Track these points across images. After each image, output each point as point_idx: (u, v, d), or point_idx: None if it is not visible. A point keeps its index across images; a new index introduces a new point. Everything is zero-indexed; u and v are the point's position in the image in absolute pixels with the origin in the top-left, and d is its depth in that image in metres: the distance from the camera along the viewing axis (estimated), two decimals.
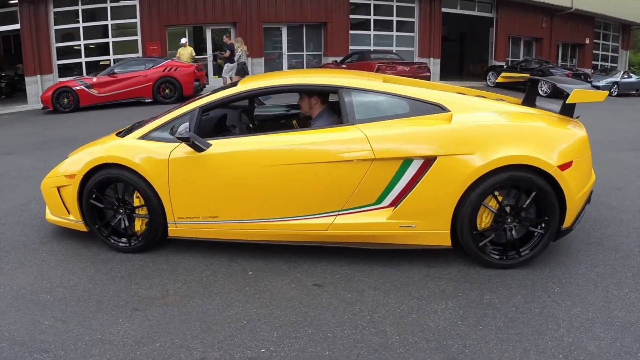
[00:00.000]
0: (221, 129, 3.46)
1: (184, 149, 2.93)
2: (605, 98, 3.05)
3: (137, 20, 15.83)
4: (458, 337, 2.21)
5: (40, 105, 12.41)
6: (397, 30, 17.34)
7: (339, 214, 2.86)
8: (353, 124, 2.89)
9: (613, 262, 2.99)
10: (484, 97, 3.59)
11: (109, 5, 15.42)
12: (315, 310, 2.42)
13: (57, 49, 15.43)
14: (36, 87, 14.44)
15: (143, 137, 3.11)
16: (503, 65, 16.66)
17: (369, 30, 17.11)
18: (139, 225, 3.21)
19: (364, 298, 2.55)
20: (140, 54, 15.79)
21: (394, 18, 17.30)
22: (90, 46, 16.06)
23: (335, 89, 3.03)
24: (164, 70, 12.96)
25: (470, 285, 2.72)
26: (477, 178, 2.73)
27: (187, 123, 2.86)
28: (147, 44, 15.87)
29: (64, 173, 3.33)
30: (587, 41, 22.44)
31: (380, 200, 2.85)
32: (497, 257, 2.91)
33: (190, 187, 2.99)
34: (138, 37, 16.13)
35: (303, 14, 16.30)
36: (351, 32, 16.68)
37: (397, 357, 2.06)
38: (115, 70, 12.93)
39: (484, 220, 2.86)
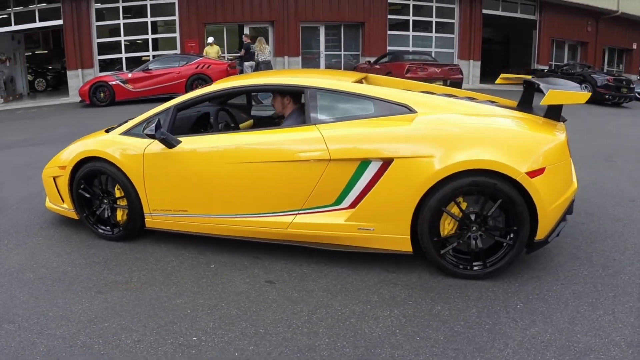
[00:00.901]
0: (204, 127, 3.71)
1: (157, 145, 3.20)
2: (586, 100, 2.94)
3: (176, 17, 16.62)
4: (389, 347, 2.22)
5: (80, 99, 13.33)
6: (436, 32, 17.24)
7: (298, 213, 2.98)
8: (315, 124, 2.98)
9: (596, 280, 2.87)
10: (474, 98, 3.64)
11: (148, 2, 16.29)
12: (257, 306, 2.58)
13: (98, 44, 16.44)
14: (77, 80, 15.47)
15: (124, 133, 3.42)
16: (543, 70, 16.18)
17: (408, 31, 17.11)
18: (120, 216, 3.52)
19: (310, 298, 2.66)
20: (178, 51, 16.56)
21: (434, 19, 17.22)
22: (130, 42, 16.99)
23: (302, 89, 3.13)
24: (196, 68, 13.60)
25: (425, 294, 2.71)
26: (435, 182, 2.71)
27: (156, 121, 3.12)
28: (185, 41, 16.62)
29: (57, 164, 3.71)
30: (635, 46, 21.45)
31: (339, 201, 2.91)
32: (461, 266, 2.87)
33: (162, 181, 3.25)
34: (177, 34, 16.91)
35: (341, 14, 16.54)
36: (390, 32, 16.76)
37: (318, 359, 2.15)
38: (150, 67, 13.68)
39: (447, 227, 2.83)
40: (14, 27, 15.55)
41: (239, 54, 15.30)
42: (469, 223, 2.81)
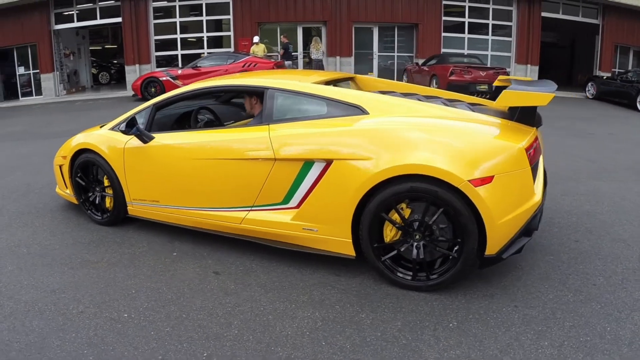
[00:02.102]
0: (185, 124, 4.09)
1: (136, 140, 3.64)
2: (548, 101, 2.77)
3: (230, 16, 17.50)
4: (291, 347, 2.32)
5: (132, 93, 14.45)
6: (493, 34, 16.87)
7: (251, 210, 3.21)
8: (268, 124, 3.15)
9: (559, 306, 2.69)
10: (460, 100, 3.67)
11: (204, 2, 17.28)
12: (193, 294, 2.88)
13: (155, 41, 17.66)
14: (134, 75, 16.72)
15: (112, 128, 3.90)
16: (604, 76, 15.34)
17: (464, 33, 16.90)
18: (108, 202, 4.02)
19: (243, 292, 2.88)
20: (232, 49, 17.44)
21: (490, 21, 16.87)
22: (186, 40, 18.09)
23: (262, 90, 3.31)
24: (243, 66, 14.31)
25: (357, 300, 2.75)
26: (372, 186, 2.72)
27: (130, 118, 3.54)
28: (239, 40, 17.48)
29: (62, 154, 4.28)
30: None
31: (286, 200, 3.06)
32: (401, 275, 2.86)
33: (139, 173, 3.68)
34: (231, 33, 17.80)
35: (394, 15, 16.67)
36: (444, 34, 16.65)
37: (211, 347, 2.34)
38: (199, 64, 14.59)
39: (390, 233, 2.83)
40: (76, 24, 17.12)
41: (276, 54, 15.90)
42: (412, 231, 2.79)
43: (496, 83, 3.86)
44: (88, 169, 4.07)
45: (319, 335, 2.43)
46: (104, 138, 3.87)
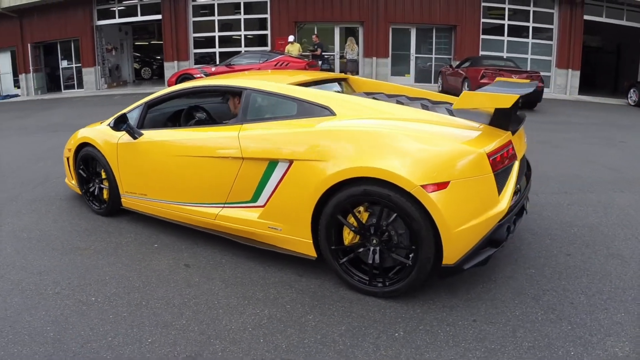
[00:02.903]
0: (183, 121, 4.32)
1: (127, 136, 3.93)
2: (511, 103, 2.66)
3: (268, 15, 17.89)
4: (229, 342, 2.44)
5: None
6: (533, 38, 16.46)
7: (224, 207, 3.37)
8: (242, 124, 3.29)
9: (522, 325, 2.59)
10: (448, 102, 3.67)
11: (243, 0, 17.75)
12: (158, 283, 3.10)
13: (194, 38, 18.29)
14: (173, 72, 17.41)
15: (109, 124, 4.21)
16: None
17: (503, 35, 16.58)
18: (105, 194, 4.33)
19: (204, 285, 3.03)
20: (269, 48, 17.85)
21: (530, 24, 16.46)
22: (224, 38, 18.64)
23: (241, 90, 3.46)
24: (275, 65, 14.65)
25: (310, 302, 2.82)
26: (328, 188, 2.77)
27: (119, 116, 3.82)
28: (276, 39, 17.88)
29: (68, 147, 4.64)
30: None
31: (255, 198, 3.18)
32: (358, 279, 2.89)
33: (129, 167, 3.96)
34: (268, 32, 18.21)
35: (432, 16, 16.58)
36: (483, 36, 16.41)
37: (157, 335, 2.51)
38: (232, 62, 15.05)
39: (348, 236, 2.88)
40: (118, 20, 17.99)
41: (311, 53, 16.15)
42: (369, 235, 2.81)
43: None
44: (88, 162, 4.40)
45: (260, 332, 2.53)
46: (101, 133, 4.18)
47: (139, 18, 17.99)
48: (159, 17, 17.53)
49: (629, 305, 2.83)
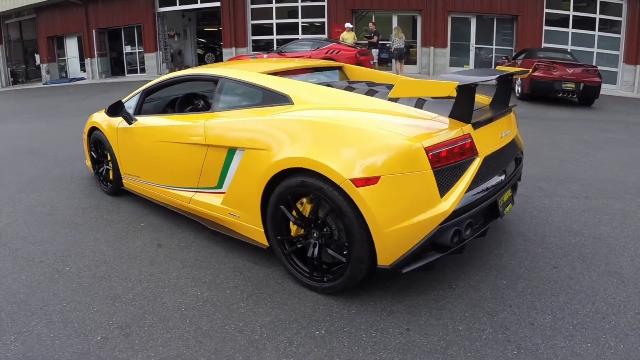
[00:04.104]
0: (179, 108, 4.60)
1: (125, 122, 4.29)
2: (449, 92, 2.50)
3: (325, 3, 18.04)
4: (158, 319, 2.65)
5: None
6: (599, 30, 15.39)
7: (197, 191, 3.56)
8: (213, 112, 3.47)
9: (460, 342, 2.43)
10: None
11: None
12: (127, 259, 3.41)
13: (252, 25, 18.82)
14: (231, 58, 17.96)
15: (105, 111, 4.58)
16: None
17: (567, 27, 15.68)
18: (111, 175, 4.76)
19: (165, 265, 3.30)
20: (325, 36, 18.05)
21: (597, 15, 15.38)
22: (282, 25, 19.03)
23: (217, 78, 3.62)
24: (326, 53, 14.83)
25: (251, 290, 2.94)
26: (271, 177, 2.82)
27: (116, 102, 4.17)
28: (332, 26, 18.04)
29: (84, 131, 5.12)
30: None
31: (220, 184, 3.31)
32: (300, 272, 2.93)
33: (126, 150, 4.34)
34: (325, 19, 18.38)
35: (493, 5, 16.02)
36: (546, 28, 15.62)
37: (102, 305, 2.80)
38: (284, 50, 15.39)
39: (293, 227, 2.92)
40: (179, 7, 18.84)
41: (367, 41, 16.20)
42: (311, 228, 2.81)
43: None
44: (97, 145, 4.84)
45: (190, 313, 2.72)
46: (107, 118, 4.58)
47: (199, 5, 18.75)
48: (217, 4, 18.18)
49: (602, 334, 2.50)
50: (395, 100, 3.04)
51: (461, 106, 2.69)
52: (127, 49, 19.46)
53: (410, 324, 2.60)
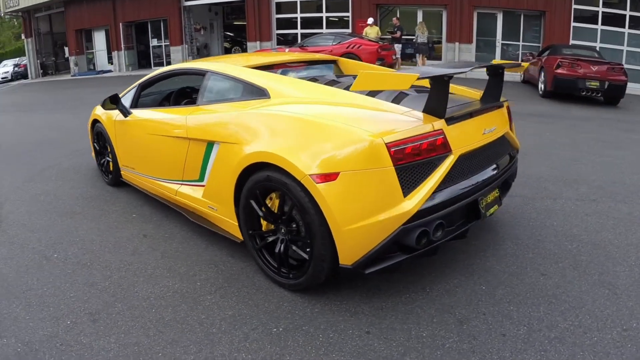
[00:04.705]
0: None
1: (121, 114, 4.43)
2: (409, 84, 2.40)
3: None
4: (127, 307, 2.75)
5: None
6: (630, 28, 14.85)
7: (182, 184, 3.62)
8: (197, 106, 3.53)
9: (419, 350, 2.36)
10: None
11: None
12: (112, 248, 3.55)
13: (277, 19, 18.94)
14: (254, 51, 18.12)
15: (101, 103, 4.72)
16: None
17: (596, 24, 15.19)
18: (111, 166, 4.93)
19: (147, 254, 3.42)
20: (349, 30, 18.04)
21: (627, 12, 14.83)
22: (306, 19, 19.09)
23: (204, 72, 3.66)
24: (347, 47, 14.86)
25: (221, 283, 2.99)
26: (241, 171, 2.84)
27: (111, 95, 4.30)
28: (356, 21, 18.00)
29: (88, 123, 5.31)
30: None
31: (201, 178, 3.34)
32: (269, 268, 2.95)
33: (122, 142, 4.49)
34: (349, 14, 18.36)
35: (519, 0, 15.68)
36: (574, 24, 15.18)
37: (80, 291, 2.93)
38: (306, 44, 15.48)
39: (263, 222, 2.93)
40: (204, 1, 19.08)
41: (391, 36, 16.16)
42: (279, 224, 2.81)
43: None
44: (99, 137, 5.02)
45: (158, 303, 2.80)
46: (106, 112, 4.74)
47: None
48: None
49: (579, 351, 2.33)
50: (374, 94, 3.01)
51: (434, 100, 2.59)
52: (154, 42, 19.88)
53: (372, 326, 2.54)
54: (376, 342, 2.41)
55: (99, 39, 21.60)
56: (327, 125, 2.57)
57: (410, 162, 2.42)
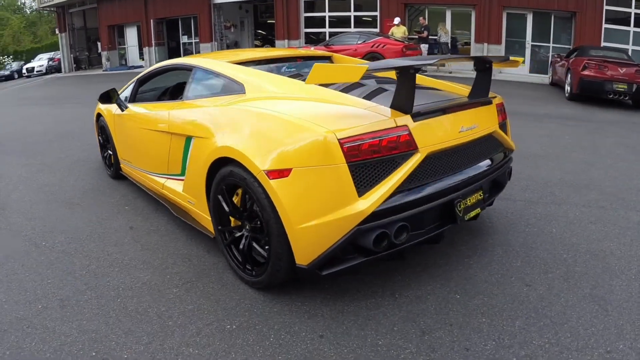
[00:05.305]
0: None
1: (119, 109, 4.57)
2: (359, 76, 2.30)
3: None
4: (96, 296, 2.87)
5: None
6: None
7: (168, 178, 3.66)
8: (182, 100, 3.59)
9: (371, 358, 2.32)
10: (438, 88, 3.43)
11: None
12: (97, 239, 3.68)
13: (305, 18, 19.02)
14: None
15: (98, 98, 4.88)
16: None
17: (629, 26, 14.63)
18: (112, 159, 5.10)
19: (126, 246, 3.52)
20: (377, 30, 17.96)
21: None
22: (333, 19, 19.10)
23: (191, 67, 3.72)
24: (372, 47, 14.83)
25: (190, 277, 3.04)
26: (209, 166, 2.86)
27: (109, 90, 4.43)
28: (384, 20, 17.92)
29: (94, 117, 5.51)
30: None
31: (182, 172, 3.37)
32: (235, 263, 2.96)
33: (120, 136, 4.65)
34: (377, 13, 18.27)
35: (550, 1, 15.27)
36: (606, 26, 14.67)
37: (58, 278, 3.08)
38: (331, 43, 15.50)
39: (231, 218, 2.93)
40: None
41: (417, 36, 16.07)
42: (243, 220, 2.79)
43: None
44: (102, 130, 5.21)
45: (125, 293, 2.89)
46: (108, 105, 4.90)
47: None
48: None
49: None
50: (351, 89, 2.97)
51: (401, 94, 2.48)
52: (184, 38, 20.29)
53: (328, 330, 2.47)
54: (327, 347, 2.35)
55: (131, 35, 22.19)
56: (284, 120, 2.53)
57: (367, 159, 2.31)
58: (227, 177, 2.76)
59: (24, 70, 29.01)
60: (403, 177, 2.39)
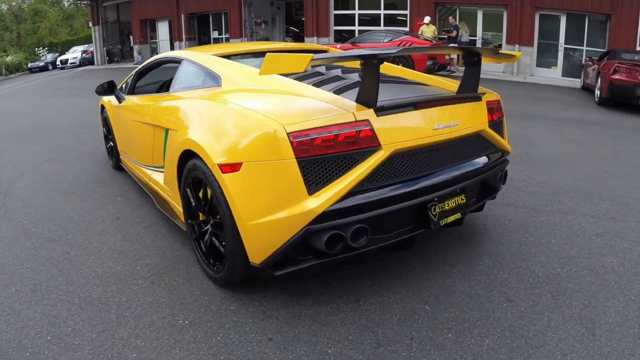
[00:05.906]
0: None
1: (117, 100, 4.69)
2: (305, 66, 2.22)
3: None
4: (66, 283, 2.95)
5: None
6: None
7: (154, 170, 3.68)
8: (168, 93, 3.65)
9: (328, 356, 2.22)
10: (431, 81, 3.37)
11: None
12: (83, 228, 3.84)
13: (335, 16, 19.02)
14: None
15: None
16: None
17: None
18: (114, 151, 5.27)
19: (110, 236, 3.62)
20: (407, 28, 17.80)
21: None
22: (363, 17, 19.02)
23: (179, 61, 3.80)
24: (398, 45, 14.66)
25: (159, 270, 3.08)
26: (178, 158, 2.86)
27: (107, 82, 4.55)
28: (414, 19, 17.73)
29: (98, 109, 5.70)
30: None
31: (164, 164, 3.37)
32: (200, 258, 2.94)
33: (118, 127, 4.79)
34: (407, 12, 18.10)
35: (584, 3, 14.76)
36: None
37: (38, 265, 3.17)
38: (357, 40, 15.46)
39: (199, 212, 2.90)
40: None
41: (446, 35, 15.87)
42: (206, 214, 2.75)
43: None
44: (106, 122, 5.39)
45: (92, 282, 2.97)
46: (110, 97, 5.05)
47: None
48: None
49: None
50: (330, 82, 2.92)
51: (365, 87, 2.35)
52: (215, 34, 20.60)
53: (278, 333, 2.39)
54: (272, 351, 2.27)
55: (163, 29, 22.68)
56: (239, 113, 2.49)
57: (320, 155, 2.18)
58: (192, 171, 2.73)
59: (58, 62, 30.06)
60: (362, 176, 2.25)
